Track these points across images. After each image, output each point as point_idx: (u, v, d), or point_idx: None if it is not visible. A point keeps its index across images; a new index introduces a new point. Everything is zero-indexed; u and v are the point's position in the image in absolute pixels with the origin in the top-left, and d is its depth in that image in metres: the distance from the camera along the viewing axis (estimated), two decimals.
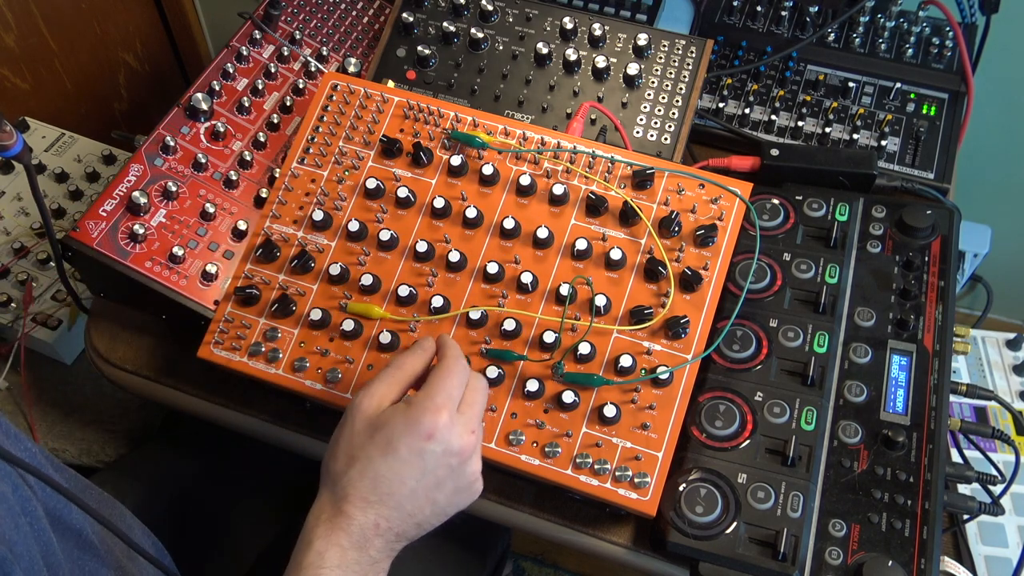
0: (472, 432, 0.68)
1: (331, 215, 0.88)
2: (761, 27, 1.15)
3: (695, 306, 0.81)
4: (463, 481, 0.69)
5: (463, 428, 0.68)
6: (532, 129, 0.89)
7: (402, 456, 0.66)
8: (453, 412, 0.67)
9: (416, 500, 0.67)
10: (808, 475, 0.76)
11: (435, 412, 0.66)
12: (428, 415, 0.66)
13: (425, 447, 0.66)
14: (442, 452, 0.66)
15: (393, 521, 0.67)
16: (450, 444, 0.66)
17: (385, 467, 0.66)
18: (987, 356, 1.07)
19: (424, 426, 0.66)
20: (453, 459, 0.67)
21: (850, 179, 0.96)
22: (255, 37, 1.05)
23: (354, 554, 0.65)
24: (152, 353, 0.96)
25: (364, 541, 0.66)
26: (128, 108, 1.70)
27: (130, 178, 0.91)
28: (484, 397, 0.71)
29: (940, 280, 0.86)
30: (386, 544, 0.67)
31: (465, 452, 0.68)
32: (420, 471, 0.66)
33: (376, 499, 0.66)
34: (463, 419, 0.68)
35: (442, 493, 0.68)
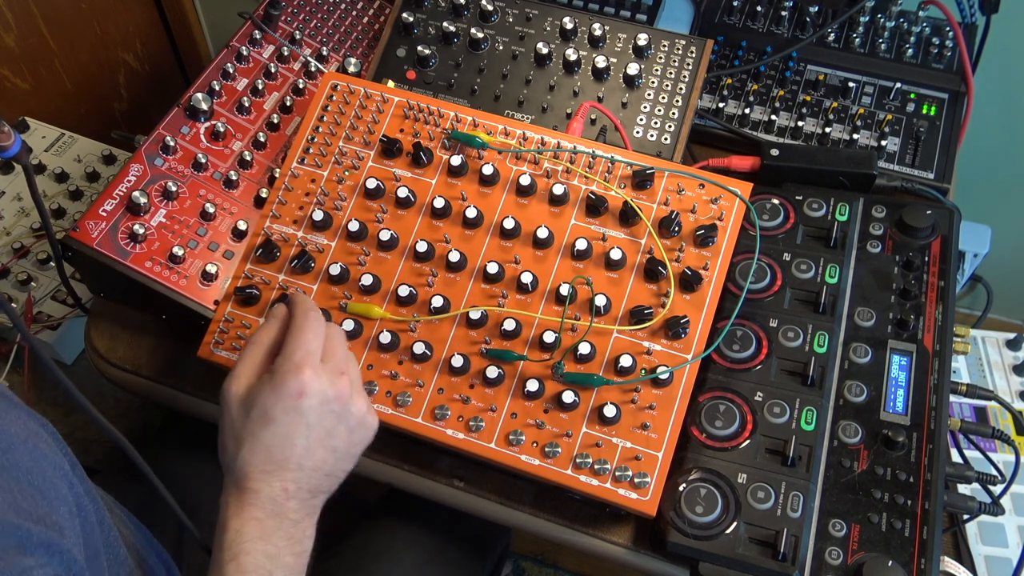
0: (341, 374, 0.70)
1: (331, 215, 0.88)
2: (761, 27, 1.15)
3: (695, 306, 0.81)
4: (353, 421, 0.70)
5: (331, 375, 0.69)
6: (532, 129, 0.89)
7: (282, 421, 0.67)
8: (316, 365, 0.69)
9: (313, 455, 0.68)
10: (808, 475, 0.76)
11: (297, 371, 0.68)
12: (291, 376, 0.67)
13: (300, 404, 0.67)
14: (319, 403, 0.68)
15: (301, 481, 0.68)
16: (325, 393, 0.68)
17: (271, 437, 0.67)
18: (987, 356, 1.07)
19: (291, 387, 0.67)
20: (334, 405, 0.69)
21: (850, 179, 0.95)
22: (255, 37, 1.05)
23: (272, 522, 0.67)
24: (152, 353, 0.96)
25: (278, 508, 0.67)
26: (128, 108, 1.70)
27: (130, 178, 0.91)
28: (342, 338, 0.73)
29: (940, 280, 0.86)
30: (301, 504, 0.68)
31: (343, 395, 0.69)
32: (306, 427, 0.68)
33: (274, 467, 0.67)
34: (328, 367, 0.70)
35: (338, 439, 0.70)
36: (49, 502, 0.57)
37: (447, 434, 0.80)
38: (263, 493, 0.67)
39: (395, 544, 0.97)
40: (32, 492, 0.56)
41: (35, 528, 0.53)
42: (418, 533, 0.99)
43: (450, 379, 0.81)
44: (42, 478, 0.58)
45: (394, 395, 0.81)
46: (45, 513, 0.56)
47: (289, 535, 0.67)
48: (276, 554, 0.66)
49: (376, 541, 0.98)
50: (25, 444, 0.59)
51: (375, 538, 0.98)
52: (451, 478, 0.86)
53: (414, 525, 1.00)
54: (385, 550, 0.96)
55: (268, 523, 0.66)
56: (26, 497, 0.55)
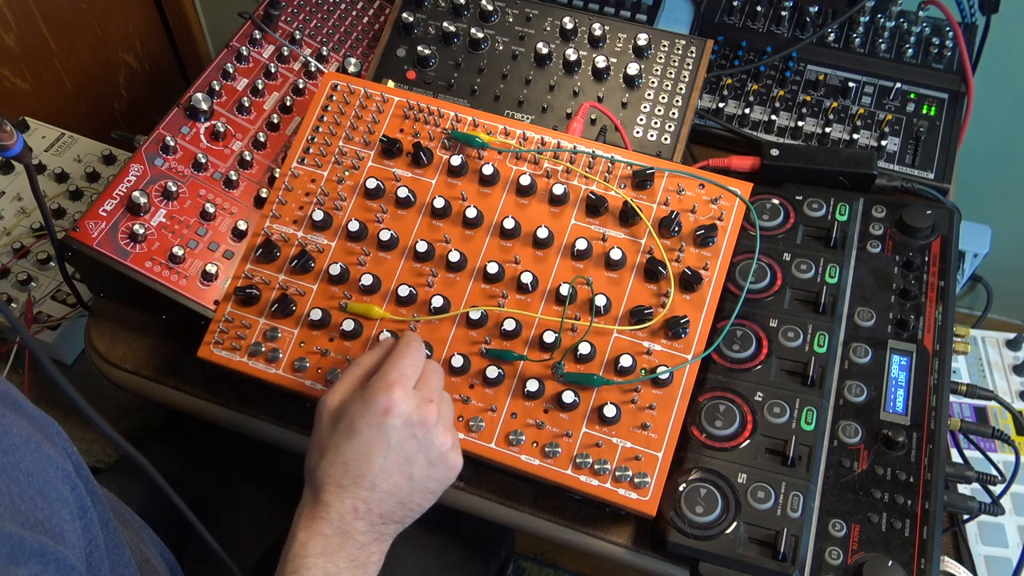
0: (431, 401, 0.70)
1: (331, 215, 0.88)
2: (761, 27, 1.15)
3: (695, 306, 0.81)
4: (434, 452, 0.70)
5: (420, 399, 0.69)
6: (532, 129, 0.89)
7: (365, 436, 0.68)
8: (407, 387, 0.69)
9: (389, 477, 0.68)
10: (808, 475, 0.76)
11: (388, 388, 0.68)
12: (381, 392, 0.68)
13: (384, 422, 0.67)
14: (402, 424, 0.68)
15: (372, 503, 0.68)
16: (409, 416, 0.68)
17: (352, 450, 0.68)
18: (987, 356, 1.07)
19: (379, 403, 0.68)
20: (417, 430, 0.69)
21: (850, 179, 0.96)
22: (255, 37, 1.05)
23: (337, 540, 0.66)
24: (152, 353, 0.96)
25: (345, 526, 0.67)
26: (128, 108, 1.70)
27: (130, 178, 0.91)
28: (440, 376, 0.74)
29: (940, 280, 0.86)
30: (370, 527, 0.68)
31: (427, 421, 0.69)
32: (385, 447, 0.68)
33: (349, 482, 0.67)
34: (419, 393, 0.70)
35: (416, 467, 0.69)
36: (50, 504, 0.57)
37: None
38: (334, 508, 0.67)
39: (397, 545, 0.97)
40: (33, 495, 0.56)
41: (28, 536, 0.53)
42: (421, 534, 0.99)
43: (450, 379, 0.81)
44: (44, 480, 0.58)
45: None
46: (45, 517, 0.56)
47: (353, 557, 0.67)
48: (338, 573, 0.66)
49: None
50: (27, 445, 0.59)
51: None
52: None
53: (416, 526, 0.99)
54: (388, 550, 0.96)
55: (333, 540, 0.66)
56: (25, 500, 0.55)
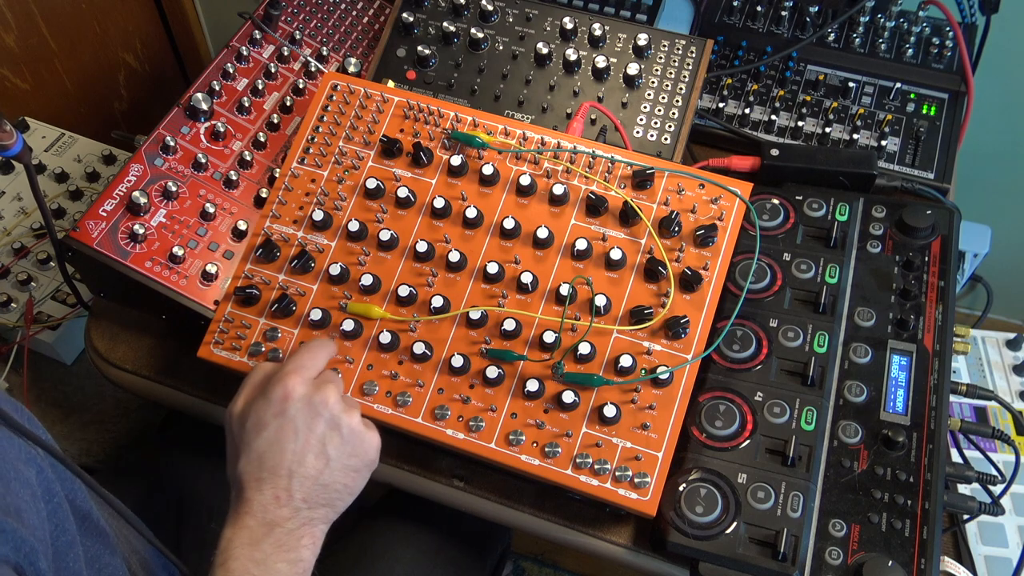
0: (328, 383, 0.72)
1: (331, 215, 0.88)
2: (761, 27, 1.15)
3: (695, 306, 0.81)
4: (345, 429, 0.71)
5: (318, 383, 0.72)
6: (532, 129, 0.89)
7: (272, 426, 0.70)
8: (304, 376, 0.72)
9: (304, 460, 0.69)
10: (808, 475, 0.76)
11: (284, 377, 0.71)
12: (279, 383, 0.71)
13: (287, 408, 0.70)
14: (305, 406, 0.70)
15: (292, 489, 0.69)
16: (310, 398, 0.70)
17: (262, 443, 0.69)
18: (987, 356, 1.07)
19: (277, 392, 0.70)
20: (322, 409, 0.70)
21: (850, 179, 0.95)
22: (255, 37, 1.05)
23: (262, 529, 0.67)
24: (152, 353, 0.96)
25: (269, 516, 0.68)
26: (128, 108, 1.70)
27: (130, 178, 0.91)
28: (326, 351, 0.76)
29: (940, 280, 0.86)
30: (295, 513, 0.69)
31: (328, 401, 0.71)
32: (293, 432, 0.69)
33: (266, 474, 0.69)
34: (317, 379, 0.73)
35: (330, 446, 0.71)
36: (6, 484, 0.58)
37: (447, 434, 0.80)
38: (255, 501, 0.68)
39: (395, 543, 0.97)
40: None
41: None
42: (418, 532, 0.99)
43: (450, 379, 0.81)
44: (2, 461, 0.59)
45: (394, 395, 0.81)
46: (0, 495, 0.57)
47: (280, 542, 0.67)
48: (264, 560, 0.66)
49: (376, 540, 0.98)
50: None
51: (375, 538, 0.98)
52: (451, 478, 0.86)
53: (414, 524, 1.00)
54: (385, 549, 0.96)
55: (258, 530, 0.67)
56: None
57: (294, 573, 0.67)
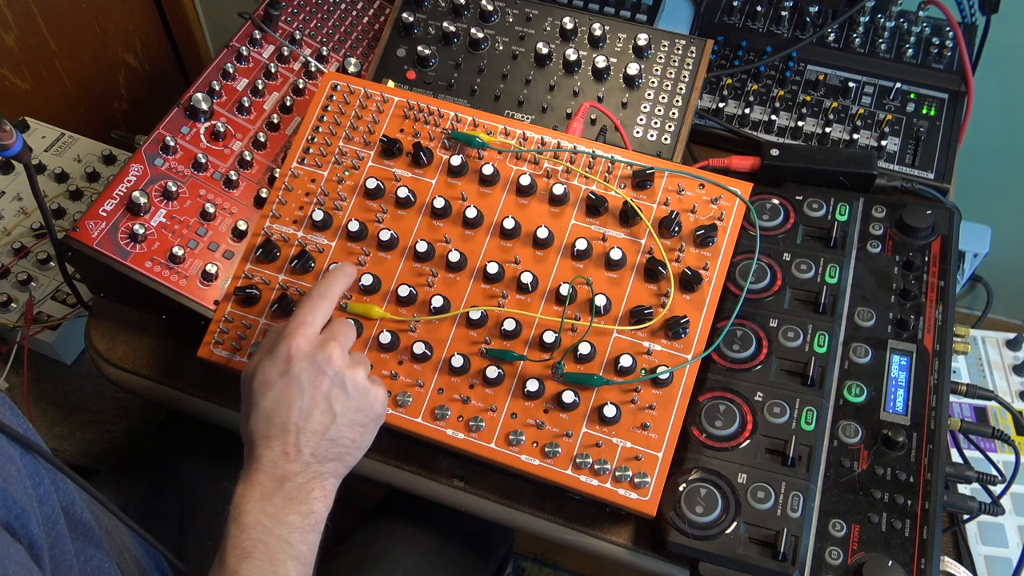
0: (332, 339, 0.73)
1: (331, 215, 0.88)
2: (761, 27, 1.15)
3: (695, 306, 0.81)
4: (351, 385, 0.72)
5: (322, 340, 0.73)
6: (532, 129, 0.89)
7: (278, 386, 0.71)
8: (308, 334, 0.72)
9: (311, 416, 0.70)
10: (808, 475, 0.76)
11: (288, 337, 0.72)
12: (282, 342, 0.72)
13: (291, 367, 0.71)
14: (309, 364, 0.71)
15: (300, 444, 0.70)
16: (313, 355, 0.71)
17: (269, 402, 0.71)
18: (987, 356, 1.07)
19: (281, 352, 0.71)
20: (326, 367, 0.71)
21: (850, 179, 0.95)
22: (255, 37, 1.05)
23: (273, 484, 0.68)
24: (152, 353, 0.96)
25: (279, 471, 0.69)
26: (128, 108, 1.70)
27: (130, 178, 0.91)
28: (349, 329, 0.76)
29: (940, 280, 0.86)
30: (305, 467, 0.70)
31: (332, 357, 0.72)
32: (299, 389, 0.70)
33: (275, 432, 0.70)
34: (321, 337, 0.73)
35: (336, 402, 0.72)
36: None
37: (447, 434, 0.80)
38: (265, 458, 0.69)
39: (396, 544, 0.97)
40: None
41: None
42: (419, 533, 0.99)
43: (450, 379, 0.81)
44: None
45: (394, 395, 0.81)
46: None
47: (291, 495, 0.68)
48: (276, 513, 0.67)
49: (377, 541, 0.98)
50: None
51: (376, 538, 0.98)
52: (451, 478, 0.86)
53: (415, 525, 1.00)
54: (386, 550, 0.96)
55: (269, 485, 0.68)
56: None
57: (306, 525, 0.68)
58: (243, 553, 0.65)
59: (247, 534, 0.66)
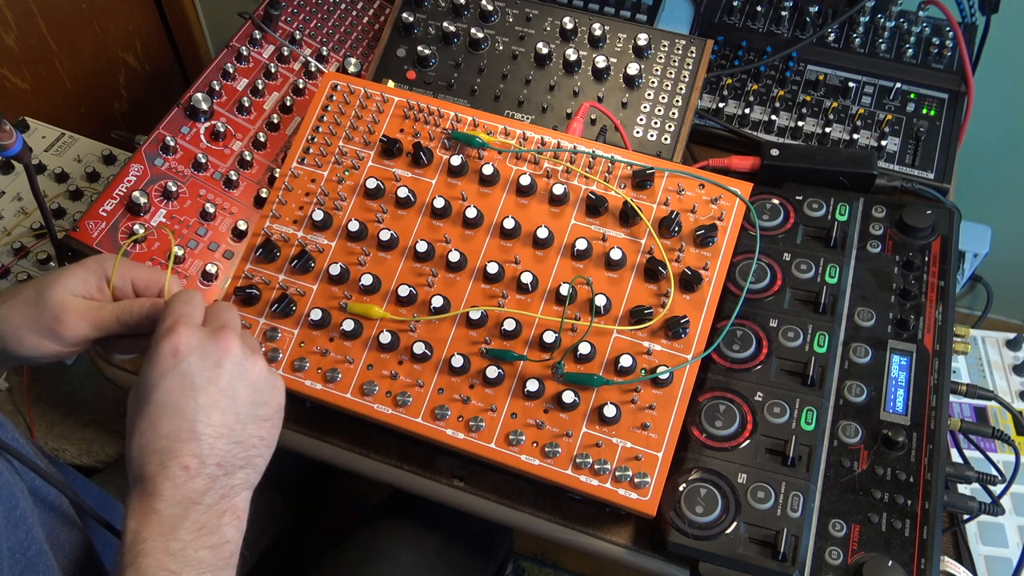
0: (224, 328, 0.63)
1: (331, 215, 0.88)
2: (761, 27, 1.15)
3: (695, 306, 0.81)
4: (252, 376, 0.63)
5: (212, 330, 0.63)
6: (532, 129, 0.89)
7: (163, 388, 0.59)
8: (191, 324, 0.62)
9: (210, 418, 0.60)
10: (808, 475, 0.76)
11: (168, 332, 0.61)
12: (163, 339, 0.61)
13: (179, 364, 0.60)
14: (200, 358, 0.61)
15: (202, 454, 0.58)
16: (204, 348, 0.61)
17: (155, 411, 0.59)
18: (987, 356, 1.07)
19: (164, 349, 0.60)
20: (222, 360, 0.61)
21: (850, 179, 0.96)
22: (255, 37, 1.05)
23: (176, 511, 0.57)
24: None
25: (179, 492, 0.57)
26: (128, 108, 1.70)
27: (130, 178, 0.91)
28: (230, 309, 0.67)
29: (940, 280, 0.86)
30: (212, 482, 0.59)
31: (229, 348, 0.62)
32: (191, 388, 0.60)
33: (165, 443, 0.58)
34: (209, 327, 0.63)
35: (238, 399, 0.61)
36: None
37: (447, 434, 0.80)
38: (158, 478, 0.57)
39: (397, 544, 0.97)
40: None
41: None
42: (420, 534, 0.99)
43: (450, 379, 0.81)
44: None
45: (394, 395, 0.81)
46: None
47: (199, 525, 0.57)
48: (182, 550, 0.56)
49: (378, 542, 0.98)
50: None
51: (377, 539, 0.98)
52: (451, 478, 0.86)
53: (416, 526, 1.00)
54: (387, 550, 0.96)
55: (169, 513, 0.57)
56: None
57: (219, 560, 0.58)
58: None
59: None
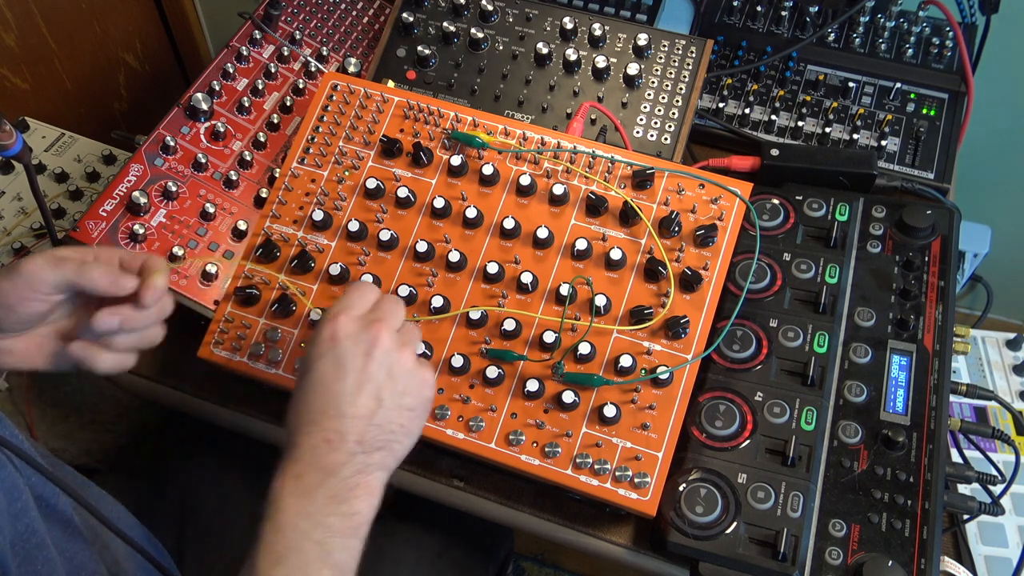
0: (378, 321, 0.68)
1: (331, 215, 0.88)
2: (761, 27, 1.15)
3: (695, 306, 0.81)
4: (397, 368, 0.67)
5: (367, 321, 0.68)
6: (532, 129, 0.89)
7: (318, 368, 0.66)
8: (351, 315, 0.68)
9: (356, 400, 0.65)
10: (808, 475, 0.76)
11: (330, 319, 0.67)
12: (325, 325, 0.67)
13: (334, 348, 0.66)
14: (352, 345, 0.66)
15: (344, 430, 0.64)
16: (357, 336, 0.66)
17: (310, 386, 0.65)
18: (987, 356, 1.07)
19: (324, 334, 0.67)
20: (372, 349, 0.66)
21: (850, 179, 0.96)
22: (255, 37, 1.05)
23: (314, 476, 0.63)
24: (152, 353, 0.96)
25: (319, 460, 0.63)
26: (128, 108, 1.70)
27: (130, 178, 0.91)
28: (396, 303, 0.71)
29: (940, 280, 0.86)
30: (350, 457, 0.64)
31: (379, 339, 0.67)
32: (342, 371, 0.65)
33: (315, 416, 0.64)
34: (367, 316, 0.69)
35: (383, 388, 0.66)
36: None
37: (447, 434, 0.80)
38: (304, 446, 0.63)
39: (397, 545, 0.97)
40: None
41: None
42: (420, 534, 0.99)
43: (450, 379, 0.81)
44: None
45: None
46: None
47: (333, 493, 0.62)
48: (315, 513, 0.62)
49: (378, 542, 0.97)
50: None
51: (377, 539, 0.98)
52: (451, 478, 0.86)
53: (416, 526, 1.00)
54: (387, 551, 0.96)
55: (309, 478, 0.62)
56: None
57: (347, 528, 0.63)
58: (276, 558, 0.60)
59: (281, 536, 0.61)
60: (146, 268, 0.72)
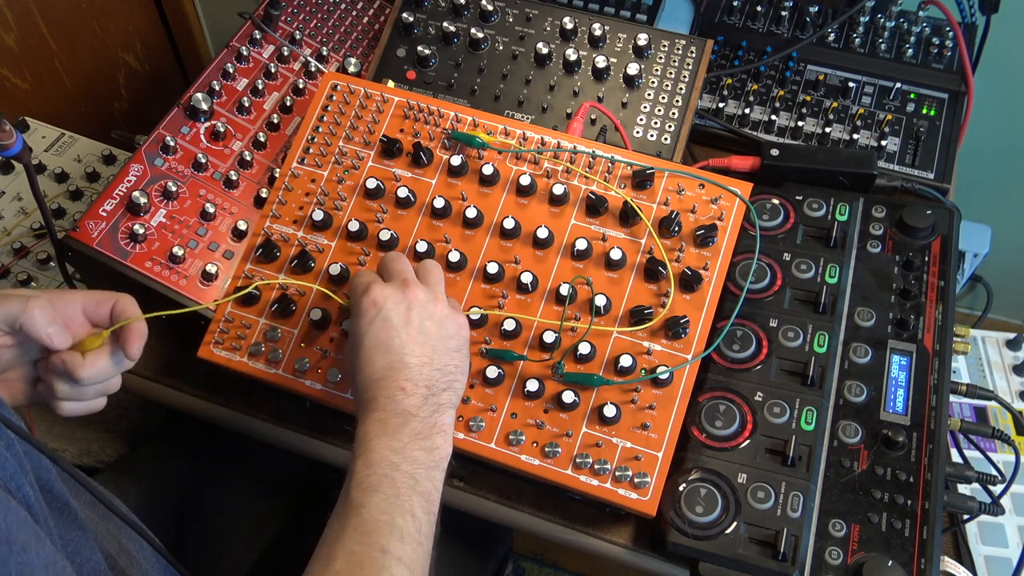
0: (406, 281, 0.75)
1: (331, 215, 0.88)
2: (761, 27, 1.15)
3: (695, 306, 0.81)
4: (437, 316, 0.75)
5: (397, 285, 0.75)
6: (532, 129, 0.89)
7: (371, 333, 0.72)
8: (379, 282, 0.75)
9: (413, 350, 0.72)
10: (808, 475, 0.76)
11: (365, 292, 0.74)
12: (363, 297, 0.74)
13: (379, 313, 0.73)
14: (394, 306, 0.73)
15: (413, 377, 0.71)
16: (396, 298, 0.73)
17: (369, 350, 0.72)
18: (987, 356, 1.07)
19: (365, 305, 0.73)
20: (412, 307, 0.74)
21: (850, 179, 0.96)
22: (255, 37, 1.05)
23: (397, 420, 0.69)
24: (152, 353, 0.96)
25: (398, 406, 0.70)
26: (128, 108, 1.70)
27: (130, 178, 0.91)
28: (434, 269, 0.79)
29: (940, 280, 0.86)
30: (424, 400, 0.71)
31: (415, 297, 0.74)
32: (393, 329, 0.72)
33: (383, 373, 0.71)
34: (393, 282, 0.76)
35: (430, 335, 0.73)
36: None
37: None
38: (381, 397, 0.70)
39: None
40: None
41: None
42: None
43: None
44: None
45: None
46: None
47: (416, 432, 0.69)
48: (402, 448, 0.68)
49: None
50: None
51: None
52: (451, 478, 0.86)
53: None
54: None
55: (392, 421, 0.69)
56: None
57: (431, 461, 0.69)
58: (369, 488, 0.66)
59: (373, 469, 0.66)
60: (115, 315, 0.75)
